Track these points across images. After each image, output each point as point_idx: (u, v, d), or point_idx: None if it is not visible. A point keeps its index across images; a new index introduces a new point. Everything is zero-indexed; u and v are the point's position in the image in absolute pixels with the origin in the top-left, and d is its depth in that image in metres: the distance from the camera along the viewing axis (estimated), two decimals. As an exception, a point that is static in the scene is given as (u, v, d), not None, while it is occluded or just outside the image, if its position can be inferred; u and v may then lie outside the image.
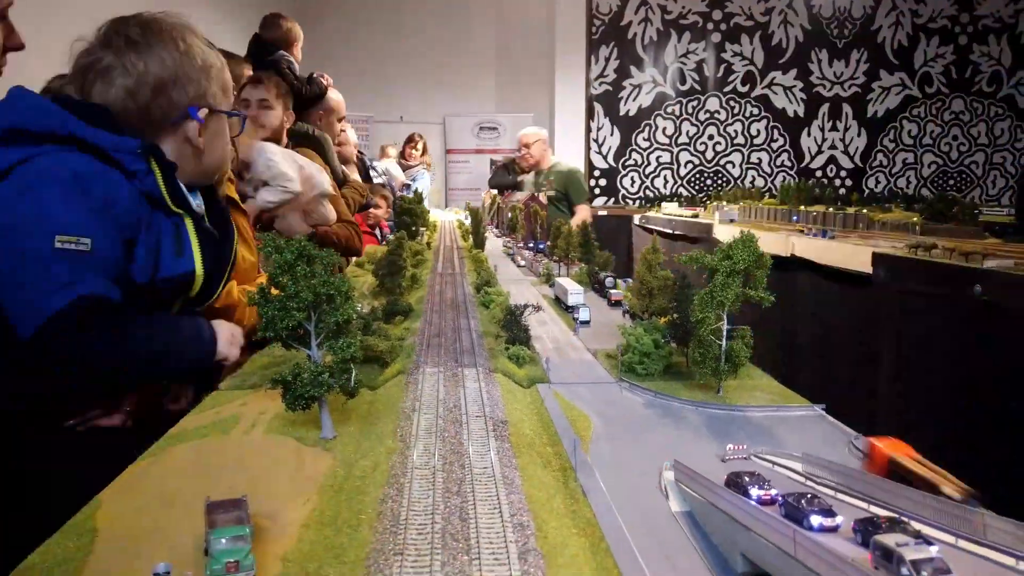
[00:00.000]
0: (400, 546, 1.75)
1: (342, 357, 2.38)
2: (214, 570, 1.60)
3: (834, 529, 1.76)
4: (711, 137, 17.97)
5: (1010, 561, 1.64)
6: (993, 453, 5.14)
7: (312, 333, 2.36)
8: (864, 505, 1.95)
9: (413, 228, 7.71)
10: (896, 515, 1.79)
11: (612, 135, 17.77)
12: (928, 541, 1.61)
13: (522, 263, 7.15)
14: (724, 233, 9.34)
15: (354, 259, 6.99)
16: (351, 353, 2.39)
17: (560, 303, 4.86)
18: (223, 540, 1.64)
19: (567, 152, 16.57)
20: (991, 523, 1.72)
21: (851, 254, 6.88)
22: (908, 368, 6.09)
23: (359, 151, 11.19)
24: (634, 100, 17.62)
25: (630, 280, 4.93)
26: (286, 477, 2.18)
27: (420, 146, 15.87)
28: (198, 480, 2.15)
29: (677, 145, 17.94)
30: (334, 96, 7.83)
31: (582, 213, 11.38)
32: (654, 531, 1.96)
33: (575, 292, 4.62)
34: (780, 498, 1.90)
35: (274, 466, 2.25)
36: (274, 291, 2.33)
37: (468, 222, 8.86)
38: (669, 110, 17.71)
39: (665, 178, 18.02)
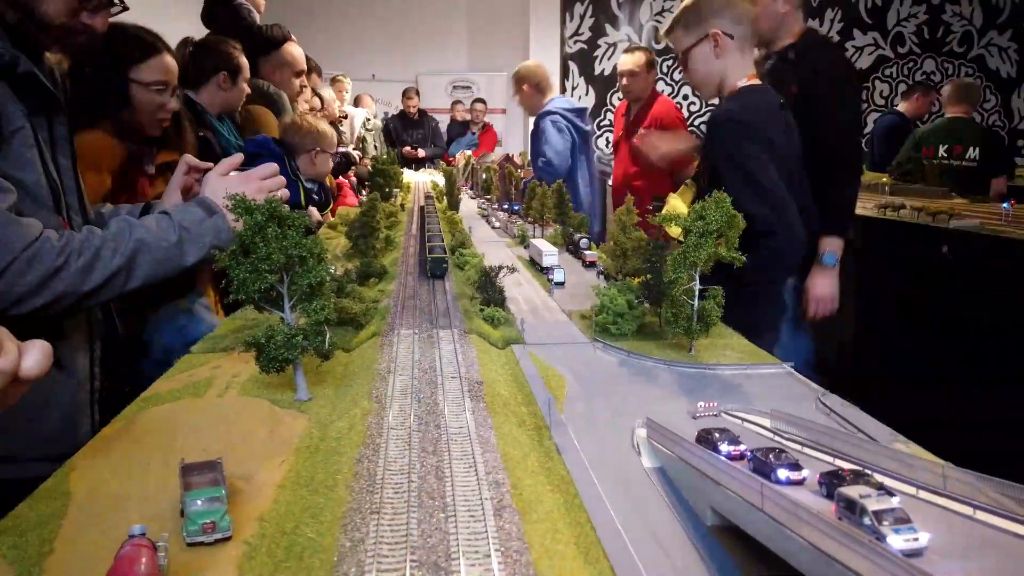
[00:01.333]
0: (377, 505, 1.77)
1: (315, 319, 2.37)
2: (190, 531, 1.61)
3: (800, 482, 1.82)
4: (686, 97, 17.90)
5: (968, 510, 1.70)
6: (957, 408, 5.31)
7: (285, 295, 2.35)
8: (830, 459, 2.01)
9: (386, 189, 7.63)
10: (860, 468, 1.84)
11: (587, 95, 17.64)
12: (890, 492, 1.67)
13: (497, 224, 7.13)
14: (698, 194, 9.37)
15: (327, 221, 6.91)
16: (324, 315, 2.38)
17: (535, 264, 4.87)
18: (199, 502, 1.65)
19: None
20: (951, 474, 1.79)
21: (822, 214, 6.95)
22: (875, 326, 6.22)
23: (342, 111, 11.05)
24: (609, 59, 17.45)
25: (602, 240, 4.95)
26: (261, 439, 2.18)
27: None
28: (172, 443, 2.15)
29: (652, 105, 17.81)
30: (291, 50, 7.37)
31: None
32: (626, 486, 2.00)
33: (550, 253, 4.63)
34: (749, 453, 1.95)
35: (249, 428, 2.25)
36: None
37: (442, 183, 8.79)
38: (644, 69, 17.56)
39: (640, 138, 17.93)
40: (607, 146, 17.82)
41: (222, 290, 2.30)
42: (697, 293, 2.99)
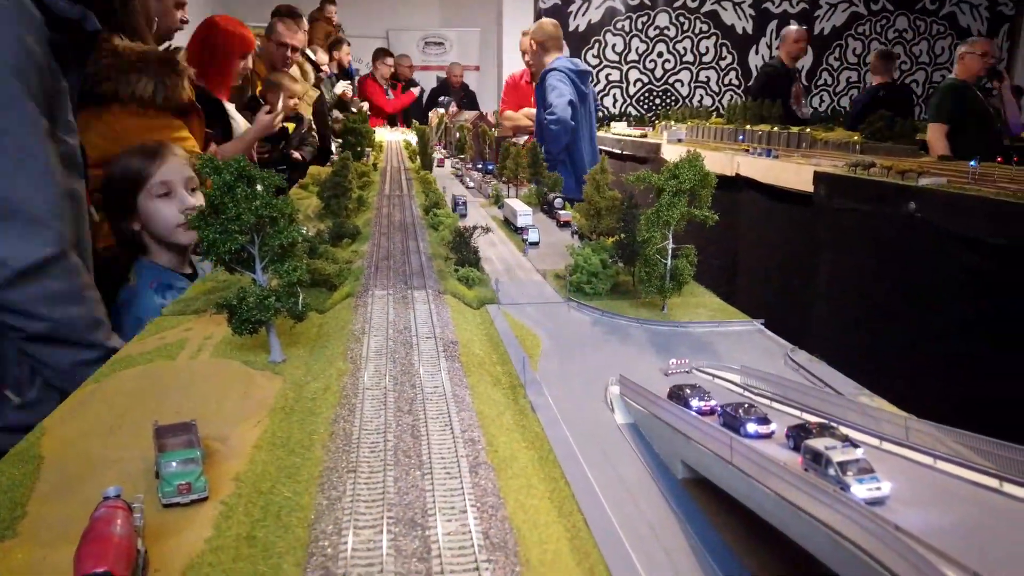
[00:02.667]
0: (353, 464, 1.79)
1: (288, 280, 2.35)
2: (166, 492, 1.61)
3: (768, 436, 1.86)
4: (660, 55, 17.76)
5: (929, 460, 1.76)
6: (920, 362, 5.44)
7: (256, 256, 2.32)
8: (797, 413, 2.06)
9: (358, 149, 7.51)
10: (826, 421, 1.89)
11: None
12: (854, 444, 1.72)
13: (471, 184, 7.08)
14: (672, 153, 9.37)
15: (298, 181, 6.82)
16: (297, 276, 2.36)
17: (509, 224, 4.86)
18: (173, 463, 1.65)
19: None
20: (913, 426, 1.84)
21: (793, 173, 7.01)
22: (844, 283, 6.32)
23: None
24: (584, 15, 17.22)
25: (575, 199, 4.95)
26: (235, 400, 2.17)
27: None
28: (145, 405, 2.13)
29: (627, 63, 17.70)
30: None
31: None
32: (600, 442, 2.04)
33: (524, 213, 4.62)
34: (719, 408, 1.99)
35: (223, 390, 2.24)
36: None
37: (415, 142, 8.67)
38: (619, 26, 17.38)
39: (615, 97, 17.85)
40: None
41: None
42: (670, 252, 3.01)
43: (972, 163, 5.72)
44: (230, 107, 6.98)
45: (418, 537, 1.56)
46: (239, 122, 6.99)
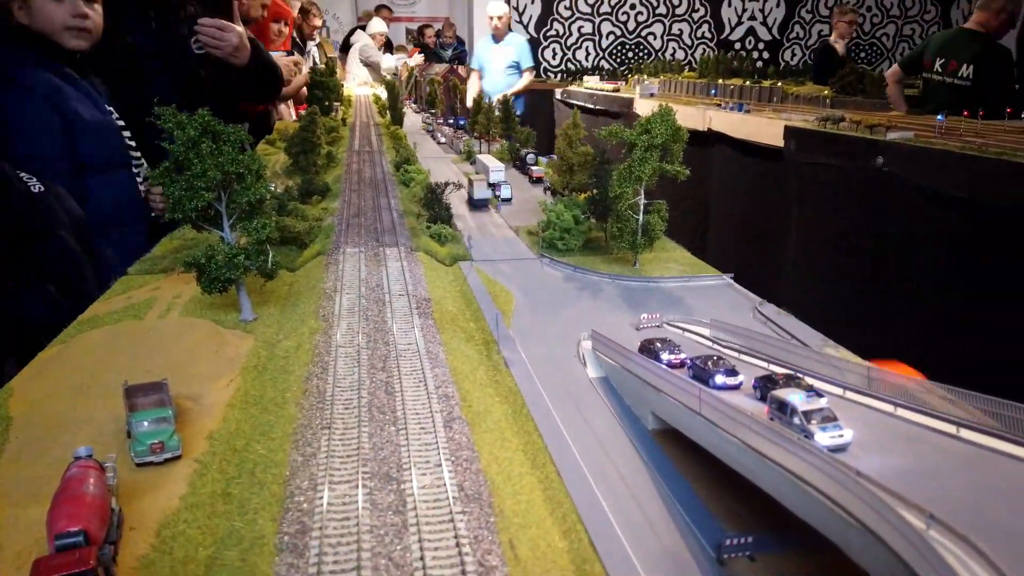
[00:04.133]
0: (327, 421, 1.79)
1: (257, 238, 2.32)
2: (138, 452, 1.61)
3: (736, 387, 1.91)
4: (633, 7, 17.52)
5: (889, 408, 1.82)
6: (885, 314, 5.56)
7: (223, 214, 2.28)
8: (765, 364, 2.10)
9: (326, 103, 7.36)
10: (792, 372, 1.94)
11: (533, 3, 17.09)
12: (819, 394, 1.77)
13: (442, 140, 6.99)
14: (644, 107, 9.32)
15: (264, 136, 6.68)
16: (266, 234, 2.33)
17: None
18: (145, 422, 1.64)
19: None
20: (875, 375, 1.90)
21: (764, 127, 7.01)
22: (813, 237, 6.40)
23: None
24: (555, -34, 16.88)
25: (552, 156, 4.90)
26: (207, 360, 2.16)
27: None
28: (114, 365, 2.11)
29: (599, 15, 17.44)
30: None
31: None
32: (572, 396, 2.07)
33: (496, 170, 4.58)
34: (688, 361, 2.03)
35: (194, 349, 2.23)
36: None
37: (385, 96, 8.51)
38: (591, -24, 17.07)
39: (587, 50, 17.62)
40: (554, 57, 17.46)
41: None
42: (642, 207, 3.02)
43: (939, 117, 5.76)
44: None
45: (393, 491, 1.58)
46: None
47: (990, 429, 1.73)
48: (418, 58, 12.98)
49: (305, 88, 8.23)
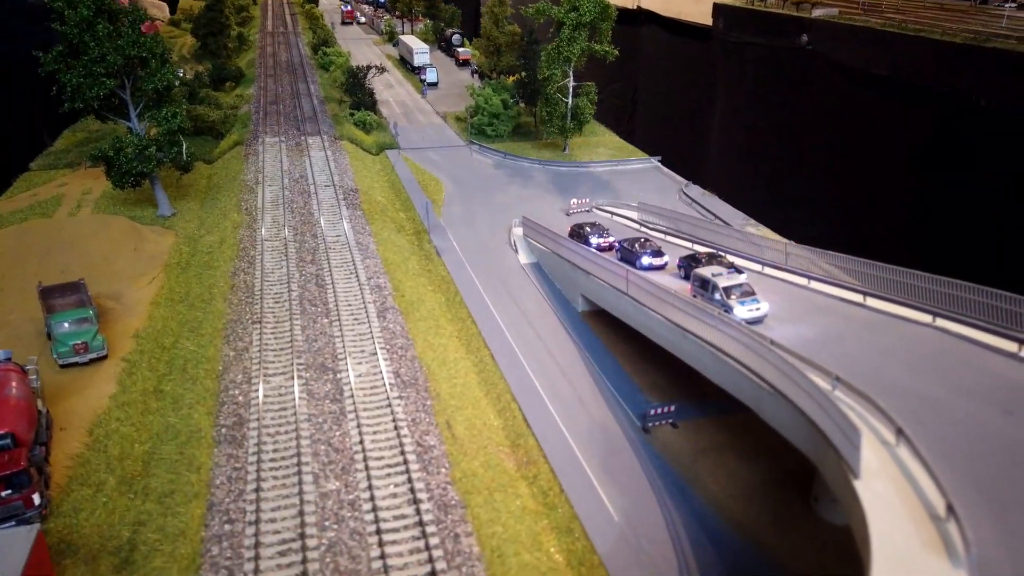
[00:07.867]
0: (258, 315, 1.78)
1: (167, 128, 2.20)
2: (61, 353, 1.56)
3: (662, 267, 1.97)
4: None
5: (803, 281, 1.92)
6: (805, 191, 5.73)
7: (129, 102, 2.14)
8: (690, 244, 2.17)
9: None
10: (714, 251, 2.00)
11: None
12: (739, 270, 1.85)
13: (362, 20, 6.62)
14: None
15: (168, 18, 6.18)
16: (177, 123, 2.22)
17: (406, 64, 4.64)
18: (65, 323, 1.59)
19: None
20: (792, 251, 1.99)
21: (693, 5, 6.90)
22: (738, 118, 6.45)
23: None
24: None
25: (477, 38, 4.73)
26: (126, 257, 2.08)
27: None
28: (24, 266, 2.02)
29: None
30: None
31: None
32: (504, 282, 2.10)
33: (421, 51, 4.41)
34: (617, 244, 2.07)
35: (110, 247, 2.14)
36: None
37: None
38: None
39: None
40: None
41: None
42: (571, 90, 2.97)
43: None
44: None
45: (330, 380, 1.60)
46: None
47: (893, 297, 1.85)
48: None
49: None
